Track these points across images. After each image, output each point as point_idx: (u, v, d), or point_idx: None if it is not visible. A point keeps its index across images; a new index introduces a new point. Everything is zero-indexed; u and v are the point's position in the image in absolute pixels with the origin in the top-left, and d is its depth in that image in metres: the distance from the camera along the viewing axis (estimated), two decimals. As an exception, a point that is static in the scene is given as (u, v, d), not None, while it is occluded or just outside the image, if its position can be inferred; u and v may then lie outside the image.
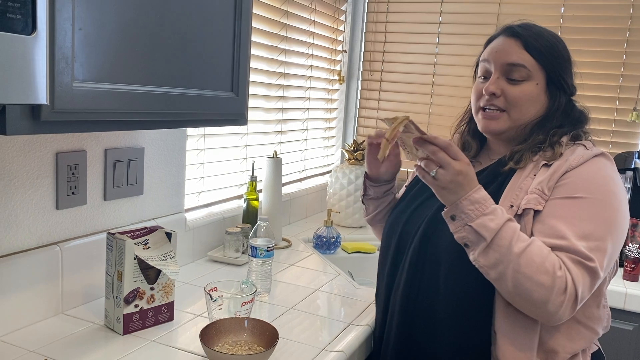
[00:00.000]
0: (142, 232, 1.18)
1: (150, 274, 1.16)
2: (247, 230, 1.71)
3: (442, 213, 1.02)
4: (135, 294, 1.15)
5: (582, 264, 0.96)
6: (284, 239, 1.98)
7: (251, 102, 1.91)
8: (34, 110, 0.78)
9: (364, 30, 2.69)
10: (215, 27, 1.11)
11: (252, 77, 1.92)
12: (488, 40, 1.18)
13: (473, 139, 1.23)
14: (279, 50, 2.09)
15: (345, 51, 2.67)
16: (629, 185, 1.96)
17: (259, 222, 1.45)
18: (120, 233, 1.15)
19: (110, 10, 0.87)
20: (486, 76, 1.15)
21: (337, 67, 2.64)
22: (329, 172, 2.57)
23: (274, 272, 1.58)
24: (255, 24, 1.89)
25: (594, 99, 2.27)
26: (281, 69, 2.13)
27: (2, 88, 0.65)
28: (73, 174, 1.24)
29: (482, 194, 0.99)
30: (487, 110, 1.13)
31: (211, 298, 1.16)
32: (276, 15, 2.04)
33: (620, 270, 1.84)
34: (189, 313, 1.29)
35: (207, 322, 1.22)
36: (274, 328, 1.10)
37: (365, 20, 2.68)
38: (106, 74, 0.88)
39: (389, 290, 1.20)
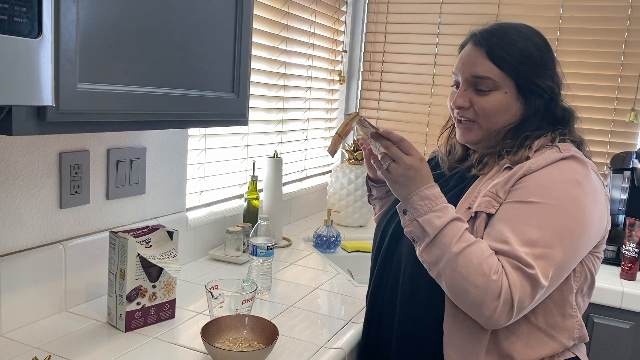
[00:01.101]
0: (144, 230, 1.19)
1: (152, 272, 1.18)
2: (248, 230, 1.73)
3: (397, 206, 1.04)
4: (137, 292, 1.16)
5: (521, 270, 0.93)
6: (284, 238, 2.00)
7: (252, 103, 1.93)
8: (40, 111, 0.80)
9: (364, 31, 2.71)
10: (216, 29, 1.13)
11: (253, 77, 1.93)
12: (460, 46, 1.15)
13: (458, 143, 1.21)
14: (279, 50, 2.11)
15: (345, 51, 2.69)
16: (626, 185, 1.97)
17: (259, 221, 1.47)
18: (123, 232, 1.17)
19: (113, 14, 0.89)
20: (457, 86, 1.13)
21: (338, 68, 2.66)
22: (329, 172, 2.58)
23: (275, 271, 1.60)
24: (256, 25, 1.91)
25: (592, 100, 2.29)
26: (282, 70, 2.15)
27: (9, 90, 0.67)
28: (76, 173, 1.26)
29: (434, 191, 1.00)
30: (461, 121, 1.12)
31: (212, 296, 1.18)
32: (277, 16, 2.06)
33: (618, 269, 1.86)
34: (191, 311, 1.31)
35: (208, 319, 1.23)
36: (274, 325, 1.12)
37: (366, 21, 2.70)
38: (109, 76, 0.90)
39: (371, 287, 1.22)
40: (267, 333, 1.11)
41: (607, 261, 1.92)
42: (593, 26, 2.27)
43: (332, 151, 1.07)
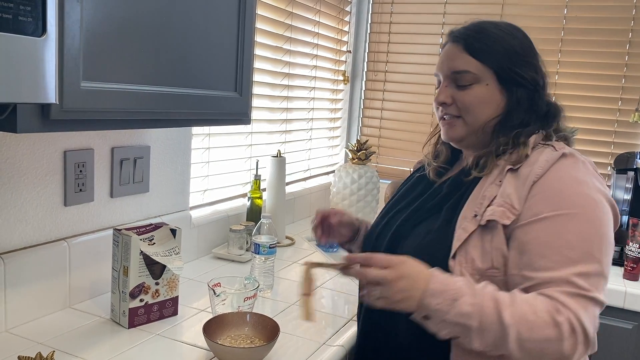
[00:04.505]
0: (147, 228, 1.21)
1: (156, 269, 1.19)
2: (251, 228, 1.74)
3: (413, 317, 0.90)
4: (140, 289, 1.18)
5: (580, 295, 0.87)
6: (287, 237, 2.00)
7: (256, 102, 1.94)
8: (44, 109, 0.81)
9: (368, 31, 2.71)
10: (219, 29, 1.14)
11: (257, 77, 1.94)
12: (441, 47, 1.14)
13: (443, 146, 1.18)
14: (283, 50, 2.12)
15: (349, 51, 2.69)
16: (630, 186, 1.97)
17: (262, 219, 1.48)
18: (127, 229, 1.18)
19: (116, 12, 0.90)
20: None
21: (342, 68, 2.66)
22: (333, 171, 2.59)
23: (277, 269, 1.61)
24: (260, 25, 1.92)
25: (596, 100, 2.29)
26: (286, 69, 2.16)
27: (14, 88, 0.68)
28: (81, 171, 1.27)
29: (439, 280, 0.89)
30: (445, 118, 1.09)
31: (214, 293, 1.19)
32: (281, 16, 2.07)
33: (621, 270, 1.85)
34: (193, 308, 1.32)
35: (210, 316, 1.24)
36: (275, 322, 1.13)
37: (370, 21, 2.70)
38: (112, 74, 0.91)
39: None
40: (269, 330, 1.12)
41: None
42: (597, 26, 2.26)
43: (308, 315, 0.96)
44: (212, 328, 1.10)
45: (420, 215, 1.09)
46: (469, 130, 1.06)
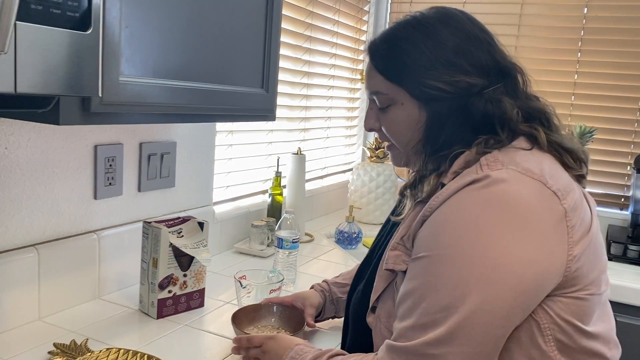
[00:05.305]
0: (176, 221, 1.23)
1: (184, 261, 1.22)
2: (272, 224, 1.76)
3: None
4: (169, 280, 1.20)
5: (388, 346, 0.80)
6: (306, 234, 2.02)
7: (277, 100, 1.95)
8: (84, 102, 0.84)
9: (387, 31, 2.72)
10: (248, 27, 1.16)
11: (279, 75, 1.96)
12: None
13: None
14: (303, 49, 2.14)
15: (367, 51, 2.70)
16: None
17: (285, 214, 1.50)
18: (156, 222, 1.21)
19: (152, 11, 0.93)
20: None
21: (360, 67, 2.68)
22: (350, 169, 2.61)
23: (298, 265, 1.63)
24: (282, 24, 1.94)
25: (616, 99, 2.28)
26: (305, 68, 2.18)
27: (60, 80, 0.71)
28: (110, 165, 1.30)
29: (290, 356, 0.92)
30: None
31: (241, 285, 1.22)
32: (301, 15, 2.09)
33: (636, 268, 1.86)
34: (219, 300, 1.35)
35: (236, 308, 1.27)
36: (301, 314, 1.15)
37: (388, 20, 2.72)
38: (148, 70, 0.94)
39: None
40: (294, 321, 1.14)
41: (630, 261, 1.92)
42: (618, 26, 2.26)
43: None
44: (239, 318, 1.12)
45: (369, 260, 1.03)
46: (406, 157, 0.95)
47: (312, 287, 1.25)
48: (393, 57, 0.90)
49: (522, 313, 0.76)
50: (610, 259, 2.01)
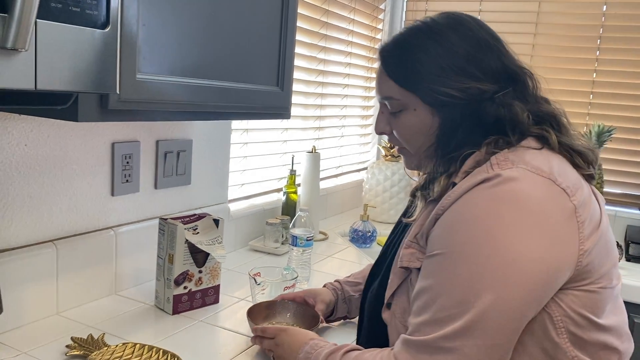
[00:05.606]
0: (191, 218, 1.24)
1: (199, 257, 1.23)
2: (287, 222, 1.77)
3: None
4: (184, 276, 1.21)
5: (404, 340, 0.81)
6: (320, 232, 2.03)
7: (292, 98, 1.96)
8: (102, 99, 0.85)
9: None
10: (263, 25, 1.17)
11: (294, 74, 1.97)
12: None
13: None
14: (318, 48, 2.14)
15: (383, 49, 2.70)
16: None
17: (299, 212, 1.51)
18: (172, 218, 1.22)
19: (169, 9, 0.94)
20: None
21: (375, 65, 2.68)
22: (365, 168, 2.60)
23: (312, 263, 1.63)
24: (297, 22, 1.94)
25: (636, 98, 2.25)
26: (320, 67, 2.18)
27: (79, 77, 0.72)
28: (127, 162, 1.32)
29: (306, 349, 0.92)
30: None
31: (255, 282, 1.22)
32: (317, 14, 2.09)
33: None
34: (233, 297, 1.36)
35: (250, 304, 1.28)
36: (316, 312, 1.15)
37: (404, 19, 2.71)
38: (165, 67, 0.95)
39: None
40: (309, 318, 1.14)
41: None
42: (637, 24, 2.22)
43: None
44: (255, 313, 1.13)
45: (384, 258, 1.03)
46: (419, 159, 0.96)
47: (324, 286, 1.25)
48: (405, 64, 0.91)
49: (535, 306, 0.78)
50: (628, 260, 1.99)
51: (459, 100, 0.87)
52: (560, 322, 0.80)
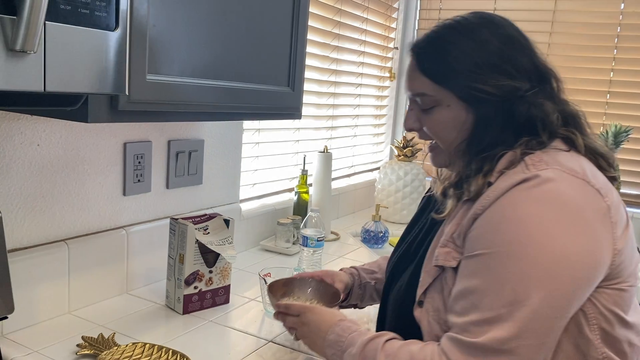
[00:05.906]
0: (202, 218, 1.24)
1: (210, 257, 1.23)
2: (298, 222, 1.77)
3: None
4: (195, 276, 1.22)
5: (456, 340, 0.80)
6: (332, 232, 2.02)
7: (304, 98, 1.96)
8: (112, 100, 0.85)
9: (416, 28, 2.70)
10: (274, 26, 1.16)
11: (305, 73, 1.96)
12: None
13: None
14: (331, 47, 2.14)
15: (396, 48, 2.69)
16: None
17: (310, 213, 1.50)
18: (183, 218, 1.22)
19: (179, 10, 0.93)
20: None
21: (388, 64, 2.66)
22: (377, 168, 2.59)
23: (324, 263, 1.63)
24: (309, 22, 1.94)
25: (654, 98, 2.21)
26: (333, 66, 2.17)
27: (88, 79, 0.72)
28: (139, 162, 1.32)
29: (336, 330, 0.92)
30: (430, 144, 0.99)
31: (265, 282, 1.22)
32: (330, 13, 2.09)
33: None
34: (244, 297, 1.36)
35: (260, 306, 1.28)
36: (337, 289, 1.12)
37: (418, 18, 2.69)
38: (175, 68, 0.95)
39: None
40: (329, 295, 1.11)
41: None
42: (656, 22, 2.19)
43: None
44: (275, 288, 1.11)
45: (408, 255, 1.03)
46: (450, 156, 0.96)
47: (341, 269, 1.24)
48: (440, 60, 0.91)
49: (577, 304, 0.80)
50: (645, 263, 1.95)
51: (494, 97, 0.88)
52: (594, 319, 0.82)
